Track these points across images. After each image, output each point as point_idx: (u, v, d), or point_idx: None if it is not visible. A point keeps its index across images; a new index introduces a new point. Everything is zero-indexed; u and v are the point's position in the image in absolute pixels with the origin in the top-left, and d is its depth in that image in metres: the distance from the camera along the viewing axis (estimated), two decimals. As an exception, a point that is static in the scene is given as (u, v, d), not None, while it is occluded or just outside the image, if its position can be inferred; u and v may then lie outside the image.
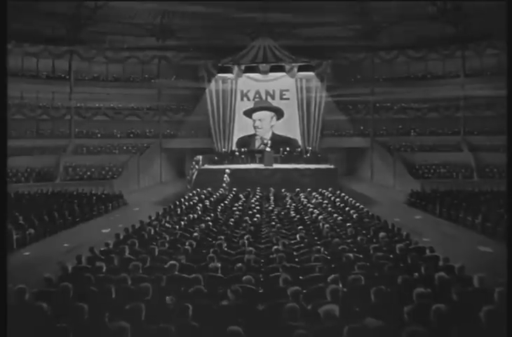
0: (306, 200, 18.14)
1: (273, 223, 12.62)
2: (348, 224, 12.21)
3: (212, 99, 31.79)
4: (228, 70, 30.64)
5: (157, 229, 12.36)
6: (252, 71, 30.79)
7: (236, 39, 30.10)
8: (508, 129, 8.77)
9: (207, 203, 17.85)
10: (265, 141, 30.99)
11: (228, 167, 26.48)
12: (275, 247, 9.12)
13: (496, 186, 21.92)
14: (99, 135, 31.60)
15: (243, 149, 31.07)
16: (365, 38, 30.42)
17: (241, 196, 20.16)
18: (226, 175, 24.77)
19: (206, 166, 28.40)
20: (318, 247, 9.00)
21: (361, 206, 16.40)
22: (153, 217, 14.41)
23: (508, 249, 8.57)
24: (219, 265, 7.64)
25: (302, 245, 9.86)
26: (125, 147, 31.03)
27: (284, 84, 31.77)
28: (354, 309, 5.59)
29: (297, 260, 8.69)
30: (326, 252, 9.01)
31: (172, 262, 7.60)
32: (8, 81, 8.23)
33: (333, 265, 7.99)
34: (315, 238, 10.92)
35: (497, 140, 25.45)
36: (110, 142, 31.21)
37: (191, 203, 18.04)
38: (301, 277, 7.33)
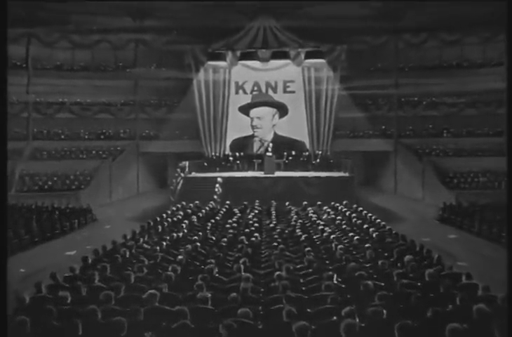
0: (315, 216, 18.16)
1: (275, 244, 12.64)
2: (366, 245, 12.22)
3: (200, 92, 31.88)
4: (221, 57, 30.77)
5: (133, 251, 12.37)
6: (249, 58, 30.92)
7: (229, 19, 30.20)
8: (508, 129, 9.01)
9: (195, 219, 17.85)
10: (265, 144, 31.08)
11: (220, 175, 26.51)
12: (278, 273, 9.13)
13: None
14: (62, 137, 31.66)
15: (238, 154, 31.11)
16: (387, 19, 30.54)
17: (236, 210, 20.16)
18: (217, 185, 24.78)
19: (193, 174, 28.43)
20: (330, 273, 9.01)
21: (383, 222, 16.41)
22: (128, 237, 14.41)
23: (508, 251, 8.64)
24: (209, 294, 7.65)
25: (310, 270, 9.87)
26: (94, 151, 31.08)
27: (288, 74, 31.90)
28: (374, 348, 5.62)
29: (304, 288, 8.70)
30: (340, 279, 9.03)
31: (151, 291, 7.61)
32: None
33: (348, 295, 8.01)
34: (327, 262, 10.94)
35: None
36: (76, 145, 31.23)
37: (175, 219, 18.04)
38: (309, 310, 7.35)
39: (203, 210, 20.42)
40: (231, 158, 30.76)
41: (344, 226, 15.73)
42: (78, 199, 26.22)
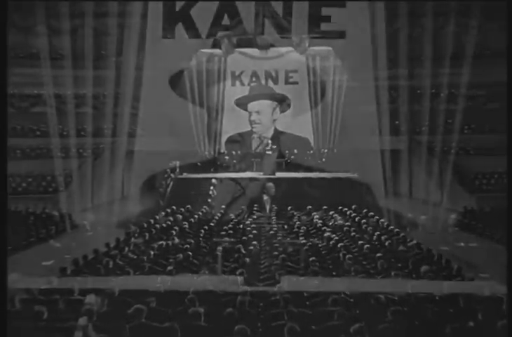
0: (320, 221, 18.17)
1: (276, 253, 12.64)
2: (378, 254, 12.23)
3: (192, 83, 31.80)
4: (215, 44, 30.71)
5: (118, 260, 12.37)
6: (247, 45, 30.87)
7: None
8: (508, 129, 9.16)
9: (186, 225, 17.86)
10: (265, 141, 31.04)
11: (214, 176, 26.49)
12: (279, 285, 9.14)
13: None
14: (38, 133, 31.59)
15: (234, 152, 31.07)
16: (400, 1, 30.52)
17: (232, 215, 20.18)
18: (212, 188, 24.77)
19: (185, 175, 28.40)
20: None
21: (396, 229, 16.43)
22: (112, 245, 14.42)
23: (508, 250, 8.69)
24: (202, 309, 7.65)
25: (315, 282, 9.88)
26: (74, 149, 30.98)
27: (291, 63, 31.83)
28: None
29: (308, 303, 8.71)
30: (348, 292, 9.04)
31: (138, 306, 7.61)
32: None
33: (357, 310, 8.01)
34: (333, 273, 10.95)
35: None
36: (54, 143, 31.13)
37: (165, 225, 18.05)
38: (313, 327, 7.35)
39: (196, 216, 20.43)
40: (226, 157, 30.67)
41: (352, 233, 15.73)
42: (56, 202, 26.17)
